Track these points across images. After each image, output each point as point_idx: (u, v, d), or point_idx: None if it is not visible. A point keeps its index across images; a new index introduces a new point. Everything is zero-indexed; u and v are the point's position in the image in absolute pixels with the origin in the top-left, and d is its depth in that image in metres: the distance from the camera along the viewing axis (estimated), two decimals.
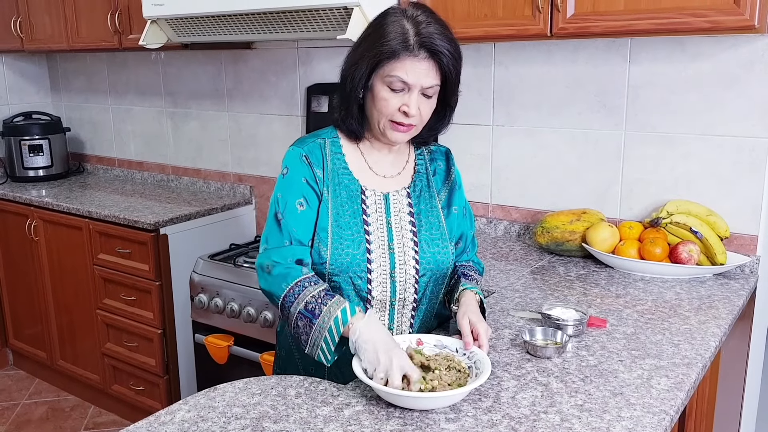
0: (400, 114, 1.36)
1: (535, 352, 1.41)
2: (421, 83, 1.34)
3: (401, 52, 1.31)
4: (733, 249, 1.99)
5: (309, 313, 1.30)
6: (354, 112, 1.41)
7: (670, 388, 1.27)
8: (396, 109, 1.36)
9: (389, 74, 1.33)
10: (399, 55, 1.31)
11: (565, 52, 2.20)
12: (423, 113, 1.38)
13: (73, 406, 3.26)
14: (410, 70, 1.32)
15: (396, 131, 1.39)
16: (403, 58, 1.31)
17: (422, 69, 1.33)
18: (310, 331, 1.30)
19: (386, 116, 1.37)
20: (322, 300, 1.31)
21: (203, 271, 2.48)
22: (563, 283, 1.89)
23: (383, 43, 1.32)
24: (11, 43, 3.43)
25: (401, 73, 1.32)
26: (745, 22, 1.62)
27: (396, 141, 1.42)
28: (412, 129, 1.40)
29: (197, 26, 2.50)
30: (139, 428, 1.16)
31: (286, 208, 1.40)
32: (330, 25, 2.20)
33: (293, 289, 1.34)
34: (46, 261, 3.18)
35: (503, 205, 2.43)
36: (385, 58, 1.32)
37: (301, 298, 1.32)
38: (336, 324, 1.28)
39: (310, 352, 1.31)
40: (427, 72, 1.33)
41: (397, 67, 1.32)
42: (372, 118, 1.41)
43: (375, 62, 1.34)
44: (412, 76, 1.32)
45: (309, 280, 1.35)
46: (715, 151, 2.00)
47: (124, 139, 3.64)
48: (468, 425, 1.15)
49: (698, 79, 1.99)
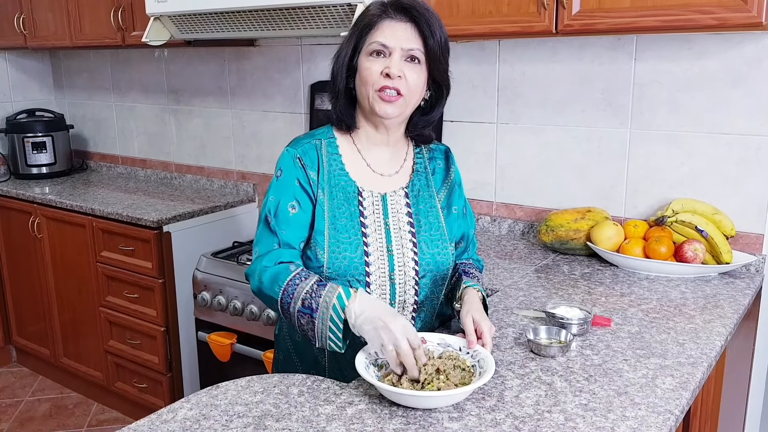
0: (383, 78, 1.35)
1: (539, 351, 1.40)
2: (401, 44, 1.35)
3: (378, 17, 1.36)
4: (738, 248, 1.97)
5: (307, 309, 1.29)
6: (342, 96, 1.42)
7: (675, 388, 1.26)
8: (379, 74, 1.35)
9: (370, 43, 1.36)
10: (377, 22, 1.36)
11: (570, 50, 2.18)
12: (409, 80, 1.36)
13: (77, 404, 3.26)
14: (388, 33, 1.35)
15: (383, 101, 1.36)
16: (381, 24, 1.36)
17: (401, 30, 1.35)
18: (313, 326, 1.29)
19: (371, 85, 1.36)
20: (316, 292, 1.30)
21: (206, 268, 2.48)
22: (567, 282, 1.88)
23: (363, 18, 1.38)
24: (14, 40, 3.43)
25: (380, 37, 1.35)
26: (752, 19, 1.60)
27: (385, 115, 1.38)
28: (399, 99, 1.37)
29: (200, 23, 2.49)
30: (141, 426, 1.16)
31: (277, 211, 1.39)
32: (334, 22, 2.19)
33: (287, 289, 1.32)
34: (50, 258, 3.19)
35: (507, 203, 2.42)
36: (365, 30, 1.37)
37: (297, 296, 1.31)
38: (336, 312, 1.27)
39: (322, 344, 1.30)
40: (406, 33, 1.35)
41: (377, 33, 1.36)
42: (361, 97, 1.40)
43: (357, 38, 1.37)
44: (391, 38, 1.35)
45: (299, 276, 1.33)
46: (721, 150, 1.98)
47: (128, 137, 3.64)
48: (471, 424, 1.14)
49: (704, 77, 1.98)
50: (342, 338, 1.28)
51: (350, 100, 1.44)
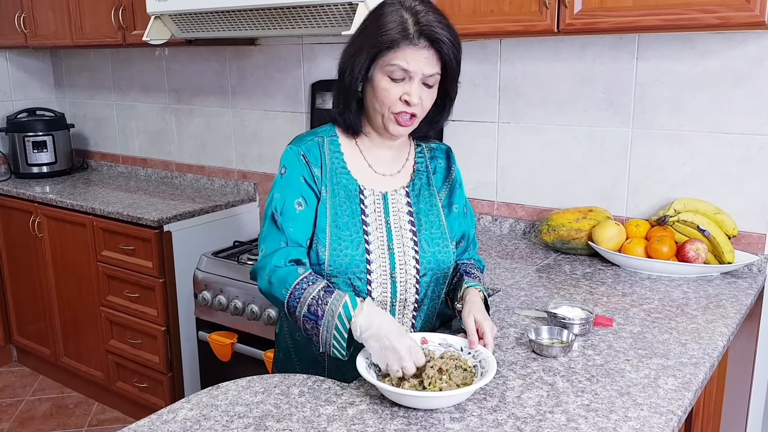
0: (401, 103, 1.34)
1: (540, 351, 1.39)
2: (423, 71, 1.33)
3: (401, 41, 1.31)
4: (740, 247, 1.97)
5: (313, 315, 1.29)
6: (353, 106, 1.40)
7: (678, 388, 1.26)
8: (397, 99, 1.34)
9: (389, 63, 1.32)
10: (399, 45, 1.31)
11: (572, 49, 2.18)
12: (424, 103, 1.37)
13: (77, 403, 3.26)
14: (411, 59, 1.31)
15: (398, 124, 1.37)
16: (403, 47, 1.31)
17: (423, 57, 1.32)
18: (318, 332, 1.29)
19: (387, 106, 1.35)
20: (323, 299, 1.29)
21: (207, 268, 2.47)
22: (569, 282, 1.87)
23: (382, 34, 1.31)
24: (15, 39, 3.42)
25: (402, 62, 1.31)
26: (755, 18, 1.60)
27: (398, 135, 1.40)
28: (414, 121, 1.38)
29: (201, 22, 2.49)
30: (141, 426, 1.15)
31: (284, 208, 1.39)
32: (335, 21, 2.19)
33: (293, 293, 1.32)
34: (50, 257, 3.18)
35: (509, 202, 2.41)
36: (384, 48, 1.31)
37: (303, 301, 1.30)
38: (341, 321, 1.26)
39: (325, 350, 1.30)
40: (428, 60, 1.33)
41: (398, 56, 1.31)
42: (373, 110, 1.39)
43: (374, 53, 1.33)
44: (413, 64, 1.32)
45: (307, 280, 1.33)
46: (723, 149, 1.98)
47: (128, 136, 3.64)
48: (473, 425, 1.13)
49: (707, 76, 1.97)
50: (346, 347, 1.28)
51: (358, 105, 1.42)
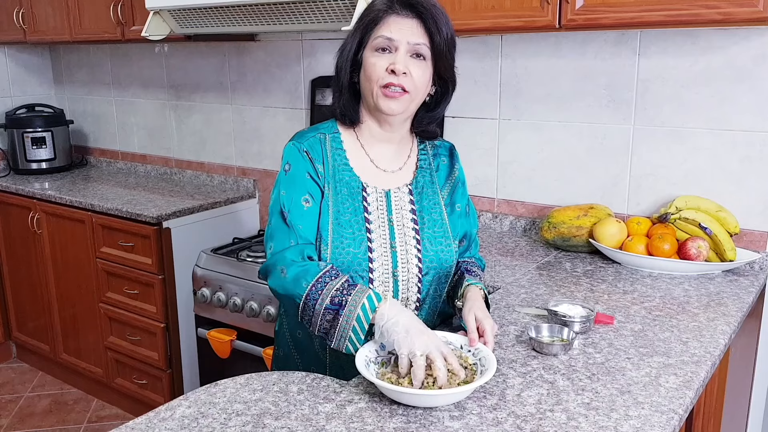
0: (388, 75, 1.34)
1: (541, 349, 1.38)
2: (407, 39, 1.33)
3: (384, 13, 1.35)
4: (742, 245, 1.96)
5: (335, 306, 1.27)
6: (346, 90, 1.40)
7: (679, 387, 1.25)
8: (384, 70, 1.34)
9: (375, 37, 1.35)
10: (383, 17, 1.35)
11: (573, 45, 2.17)
12: (414, 76, 1.35)
13: (77, 400, 3.26)
14: (394, 28, 1.34)
15: (387, 98, 1.35)
16: (386, 18, 1.35)
17: (407, 26, 1.34)
18: (337, 323, 1.26)
19: (376, 81, 1.35)
20: (347, 291, 1.27)
21: (206, 265, 2.47)
22: (570, 279, 1.86)
23: (368, 13, 1.37)
24: (14, 35, 3.41)
25: (385, 31, 1.34)
26: (758, 14, 1.58)
27: (390, 111, 1.37)
28: (405, 96, 1.36)
29: (200, 17, 2.48)
30: (138, 424, 1.14)
31: (292, 206, 1.37)
32: (335, 17, 2.18)
33: (315, 286, 1.29)
34: (49, 254, 3.18)
35: (509, 199, 2.40)
36: (371, 25, 1.35)
37: (325, 293, 1.28)
38: (364, 311, 1.24)
39: (337, 345, 1.27)
40: (411, 28, 1.34)
41: (382, 27, 1.35)
42: (365, 92, 1.39)
43: (362, 32, 1.36)
44: (397, 32, 1.33)
45: (329, 274, 1.31)
46: (726, 146, 1.97)
47: (128, 132, 3.63)
48: (473, 423, 1.13)
49: (709, 72, 1.96)
50: (362, 339, 1.26)
51: (354, 94, 1.42)
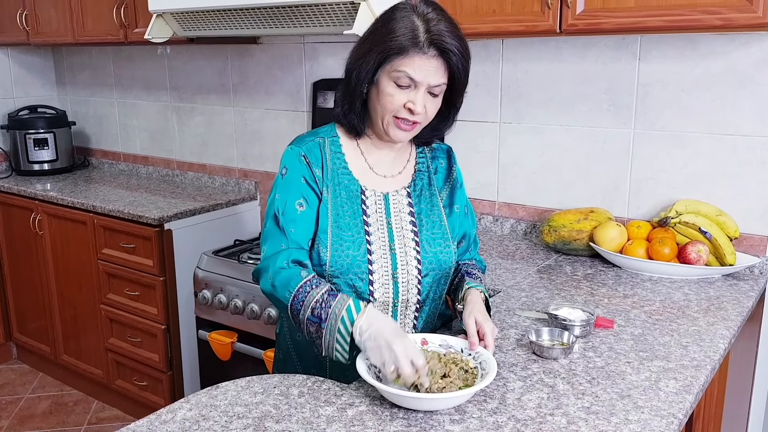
0: (404, 111, 1.34)
1: (541, 353, 1.39)
2: (429, 81, 1.31)
3: (410, 48, 1.29)
4: (742, 249, 1.96)
5: (316, 318, 1.28)
6: (357, 108, 1.39)
7: (679, 391, 1.25)
8: (401, 106, 1.33)
9: (397, 69, 1.31)
10: (408, 51, 1.29)
11: (574, 49, 2.17)
12: (428, 112, 1.36)
13: (77, 401, 3.26)
14: (418, 68, 1.30)
15: (399, 129, 1.36)
16: (411, 55, 1.29)
17: (431, 67, 1.30)
18: (321, 335, 1.28)
19: (390, 112, 1.35)
20: (326, 302, 1.29)
21: (207, 267, 2.47)
22: (570, 283, 1.87)
23: (392, 39, 1.30)
24: (17, 37, 3.42)
25: (409, 70, 1.30)
26: (758, 20, 1.59)
27: (398, 139, 1.40)
28: (415, 127, 1.38)
29: (203, 20, 2.48)
30: (140, 426, 1.15)
31: (285, 209, 1.38)
32: (337, 20, 2.18)
33: (297, 296, 1.31)
34: (51, 255, 3.18)
35: (510, 203, 2.41)
36: (393, 53, 1.30)
37: (306, 304, 1.30)
38: (344, 324, 1.26)
39: (328, 354, 1.29)
40: (436, 70, 1.31)
41: (406, 63, 1.30)
42: (375, 113, 1.38)
43: (383, 57, 1.31)
44: (420, 73, 1.30)
45: (310, 283, 1.32)
46: (726, 151, 1.97)
47: (130, 134, 3.64)
48: (473, 427, 1.13)
49: (709, 77, 1.96)
50: (348, 350, 1.27)
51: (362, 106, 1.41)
